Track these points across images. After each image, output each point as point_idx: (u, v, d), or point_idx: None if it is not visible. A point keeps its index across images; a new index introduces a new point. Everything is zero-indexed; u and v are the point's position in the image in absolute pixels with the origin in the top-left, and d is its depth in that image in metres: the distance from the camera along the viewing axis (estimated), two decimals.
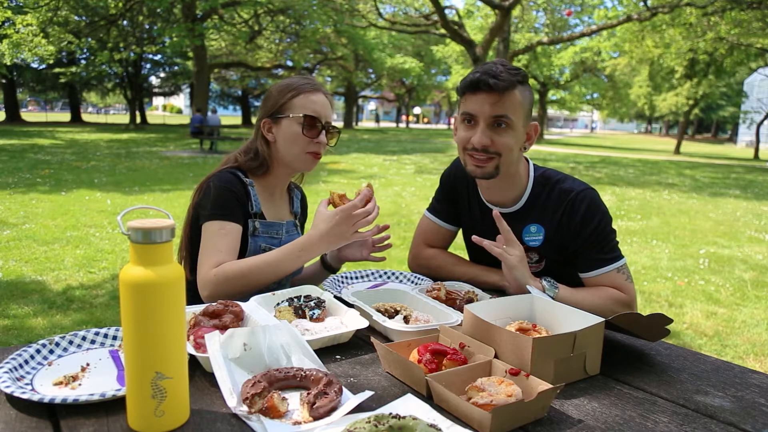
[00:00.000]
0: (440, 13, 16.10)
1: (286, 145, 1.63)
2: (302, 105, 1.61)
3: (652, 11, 15.71)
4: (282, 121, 1.63)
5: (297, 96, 1.62)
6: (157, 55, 35.71)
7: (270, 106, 1.65)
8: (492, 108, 1.47)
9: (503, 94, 1.46)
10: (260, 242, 1.64)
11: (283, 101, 1.63)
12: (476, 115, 1.49)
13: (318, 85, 1.68)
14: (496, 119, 1.48)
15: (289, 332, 1.03)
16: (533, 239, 1.60)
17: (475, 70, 1.51)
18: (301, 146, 1.61)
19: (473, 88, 1.49)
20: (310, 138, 1.61)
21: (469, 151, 1.52)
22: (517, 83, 1.48)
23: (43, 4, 17.73)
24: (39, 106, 64.55)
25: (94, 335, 1.11)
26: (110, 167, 11.78)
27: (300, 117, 1.60)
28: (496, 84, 1.44)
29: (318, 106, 1.62)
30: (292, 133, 1.61)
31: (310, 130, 1.61)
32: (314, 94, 1.63)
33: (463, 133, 1.54)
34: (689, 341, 3.67)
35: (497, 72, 1.46)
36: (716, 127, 62.29)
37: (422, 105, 62.64)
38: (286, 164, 1.67)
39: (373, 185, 1.51)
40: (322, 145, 1.63)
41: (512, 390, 0.89)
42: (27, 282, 4.26)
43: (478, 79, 1.47)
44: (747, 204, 10.41)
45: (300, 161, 1.65)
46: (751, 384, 1.06)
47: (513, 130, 1.49)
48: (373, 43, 30.50)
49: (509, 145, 1.50)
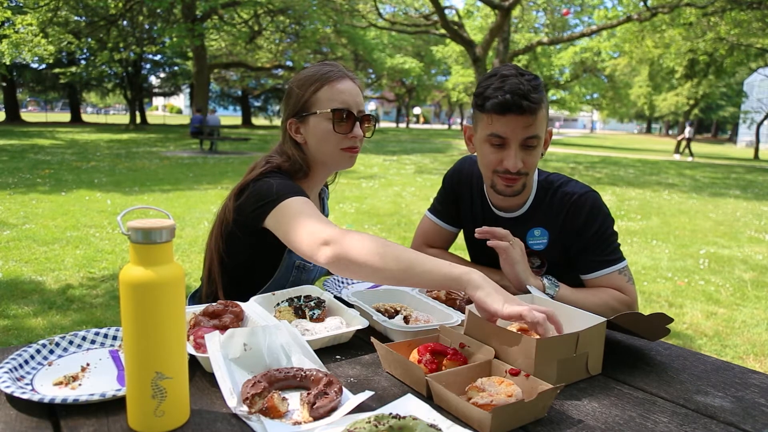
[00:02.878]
0: (440, 13, 16.11)
1: (318, 144, 1.46)
2: (329, 97, 1.44)
3: (652, 11, 15.72)
4: (309, 119, 1.45)
5: (321, 88, 1.44)
6: (157, 56, 35.72)
7: (294, 104, 1.47)
8: (525, 131, 1.42)
9: (535, 115, 1.41)
10: (295, 258, 1.49)
11: (307, 96, 1.45)
12: (507, 138, 1.44)
13: (343, 70, 1.49)
14: (527, 140, 1.43)
15: (289, 332, 1.03)
16: (537, 243, 1.60)
17: (497, 86, 1.41)
18: (334, 143, 1.45)
19: (503, 110, 1.40)
20: (343, 134, 1.44)
21: (501, 173, 1.48)
22: (543, 97, 1.42)
23: (43, 4, 17.73)
24: (39, 106, 64.55)
25: (94, 335, 1.11)
26: (110, 167, 11.78)
27: (328, 112, 1.43)
28: (530, 107, 1.38)
29: (347, 96, 1.45)
30: (322, 131, 1.44)
31: (342, 124, 1.44)
32: (340, 82, 1.45)
33: (492, 155, 1.47)
34: (689, 341, 3.67)
35: (526, 92, 1.38)
36: (716, 127, 62.32)
37: (422, 105, 62.67)
38: (322, 164, 1.51)
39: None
40: (358, 138, 1.47)
41: (512, 390, 0.89)
42: (27, 282, 4.26)
43: (509, 102, 1.38)
44: (747, 204, 10.41)
45: (336, 160, 1.49)
46: (751, 384, 1.06)
47: (539, 145, 1.47)
48: (373, 43, 30.51)
49: (536, 162, 1.50)
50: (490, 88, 1.42)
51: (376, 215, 7.63)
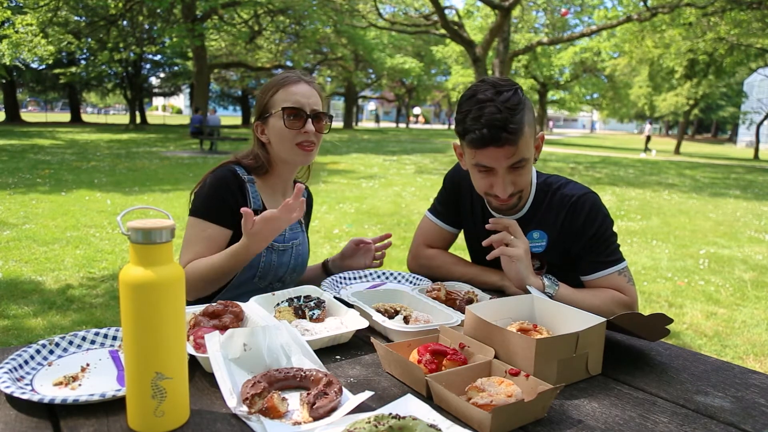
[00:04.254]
0: (440, 13, 16.09)
1: (277, 142, 1.62)
2: (283, 99, 1.60)
3: (652, 11, 15.70)
4: (269, 120, 1.62)
5: (278, 91, 1.61)
6: (157, 56, 35.72)
7: (257, 108, 1.66)
8: (508, 159, 1.40)
9: (516, 144, 1.37)
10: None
11: (266, 100, 1.63)
12: (493, 167, 1.43)
13: (299, 75, 1.66)
14: (513, 165, 1.42)
15: (289, 332, 1.03)
16: (536, 245, 1.60)
17: (475, 117, 1.36)
18: (289, 140, 1.60)
19: (482, 144, 1.38)
20: (295, 129, 1.59)
21: (493, 196, 1.49)
22: (524, 116, 1.38)
23: (43, 4, 17.73)
24: (39, 106, 64.52)
25: (94, 335, 1.11)
26: (110, 167, 11.78)
27: (280, 111, 1.59)
28: (508, 138, 1.35)
29: (299, 96, 1.60)
30: (278, 130, 1.60)
31: (293, 120, 1.58)
32: (294, 86, 1.62)
33: (482, 180, 1.48)
34: (689, 341, 3.67)
35: (503, 121, 1.34)
36: (716, 128, 62.28)
37: (422, 105, 62.65)
38: (283, 161, 1.66)
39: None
40: (310, 134, 1.60)
41: (512, 390, 0.89)
42: (27, 282, 4.26)
43: (486, 138, 1.35)
44: (747, 204, 10.41)
45: (292, 155, 1.63)
46: (751, 384, 1.06)
47: (528, 163, 1.45)
48: (373, 43, 30.49)
49: (528, 179, 1.51)
50: (468, 118, 1.39)
51: (376, 215, 7.63)
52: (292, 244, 1.70)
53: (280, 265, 1.67)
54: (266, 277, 1.66)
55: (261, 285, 1.66)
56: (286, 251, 1.68)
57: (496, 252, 1.45)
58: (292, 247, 1.70)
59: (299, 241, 1.74)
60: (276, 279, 1.69)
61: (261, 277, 1.64)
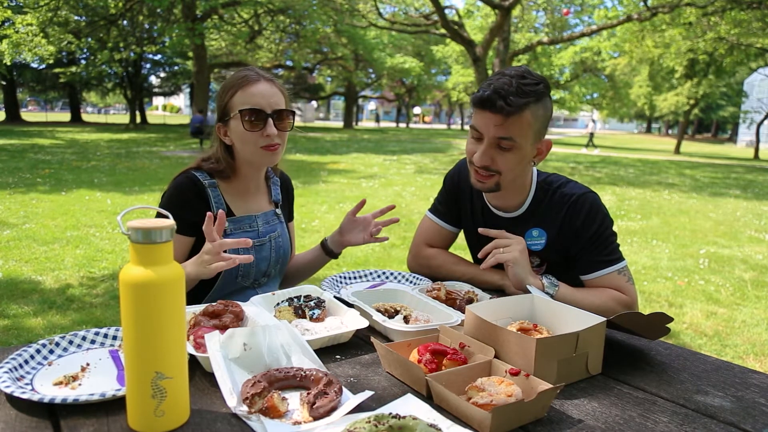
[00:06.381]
0: (440, 13, 16.09)
1: (240, 145, 1.56)
2: (242, 101, 1.53)
3: (652, 11, 15.70)
4: (230, 122, 1.56)
5: (236, 93, 1.54)
6: (157, 55, 35.69)
7: (218, 110, 1.60)
8: (496, 129, 1.43)
9: (509, 117, 1.41)
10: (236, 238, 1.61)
11: (226, 101, 1.56)
12: (482, 133, 1.46)
13: (259, 73, 1.58)
14: (500, 140, 1.44)
15: (289, 332, 1.03)
16: (535, 243, 1.60)
17: (489, 82, 1.44)
18: (252, 143, 1.53)
19: (481, 104, 1.43)
20: (256, 132, 1.52)
21: (475, 167, 1.51)
22: (531, 103, 1.41)
23: (43, 4, 17.72)
24: (39, 106, 64.51)
25: (94, 335, 1.11)
26: (110, 167, 11.77)
27: (238, 114, 1.52)
28: (503, 107, 1.39)
29: (258, 98, 1.52)
30: (240, 133, 1.54)
31: (253, 124, 1.52)
32: (253, 86, 1.54)
33: (470, 145, 1.53)
34: (689, 341, 3.67)
35: (508, 92, 1.39)
36: (716, 127, 62.26)
37: (422, 105, 62.63)
38: (249, 163, 1.61)
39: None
40: (273, 136, 1.53)
41: (512, 390, 0.89)
42: (27, 282, 4.26)
43: (484, 99, 1.41)
44: (747, 204, 10.40)
45: (257, 157, 1.57)
46: (751, 384, 1.06)
47: (518, 149, 1.46)
48: (373, 43, 30.48)
49: (510, 165, 1.49)
50: (485, 83, 1.46)
51: None
52: (269, 238, 1.67)
53: (261, 260, 1.65)
54: (249, 275, 1.64)
55: (246, 283, 1.64)
56: (264, 245, 1.66)
57: (492, 261, 1.46)
58: (269, 240, 1.67)
59: (277, 233, 1.71)
60: (261, 274, 1.67)
61: (243, 275, 1.62)
